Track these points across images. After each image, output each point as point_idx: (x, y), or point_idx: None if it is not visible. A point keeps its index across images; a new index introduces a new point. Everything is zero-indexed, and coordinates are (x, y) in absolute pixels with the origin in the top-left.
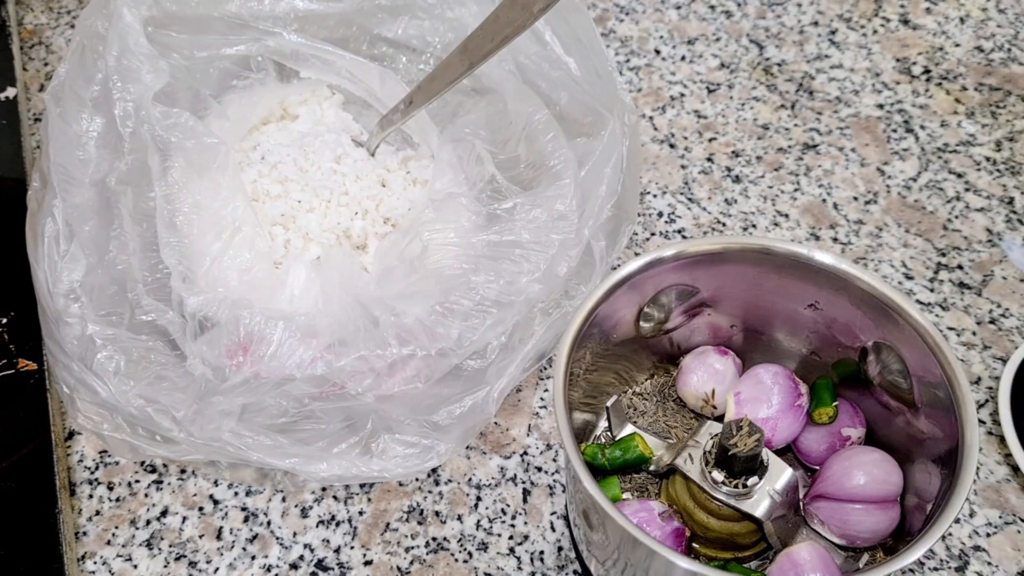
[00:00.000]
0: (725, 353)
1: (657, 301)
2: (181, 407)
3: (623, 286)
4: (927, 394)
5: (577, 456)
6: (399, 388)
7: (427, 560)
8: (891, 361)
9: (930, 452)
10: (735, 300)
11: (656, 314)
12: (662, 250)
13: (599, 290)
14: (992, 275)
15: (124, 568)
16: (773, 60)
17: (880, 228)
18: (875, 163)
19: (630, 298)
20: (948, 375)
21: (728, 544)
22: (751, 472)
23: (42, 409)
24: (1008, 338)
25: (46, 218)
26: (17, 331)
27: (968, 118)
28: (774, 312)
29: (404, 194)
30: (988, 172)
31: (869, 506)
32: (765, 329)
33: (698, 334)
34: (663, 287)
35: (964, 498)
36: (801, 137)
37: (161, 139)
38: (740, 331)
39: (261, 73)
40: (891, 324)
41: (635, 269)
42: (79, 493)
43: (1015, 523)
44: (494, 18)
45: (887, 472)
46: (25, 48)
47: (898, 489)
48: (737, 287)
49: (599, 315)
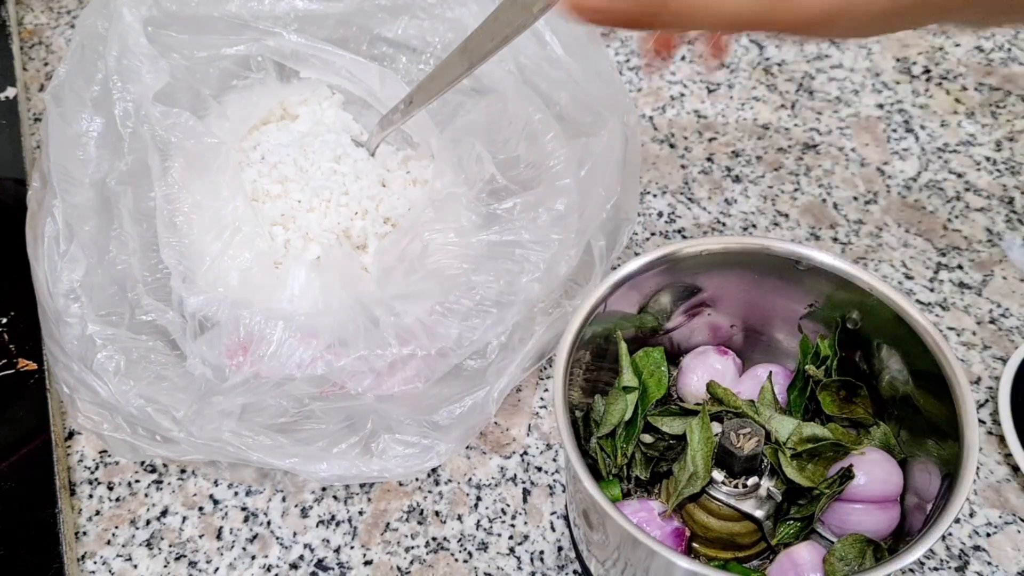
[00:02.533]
0: (725, 353)
1: (657, 301)
2: (181, 407)
3: (623, 286)
4: (926, 394)
5: (577, 456)
6: (399, 388)
7: (427, 560)
8: (891, 361)
9: (930, 452)
10: (735, 300)
11: (656, 314)
12: (661, 250)
13: (599, 290)
14: (992, 275)
15: (124, 568)
16: (773, 60)
17: (880, 228)
18: (875, 163)
19: (630, 298)
20: (947, 375)
21: (728, 544)
22: (751, 472)
23: (42, 409)
24: (1008, 338)
25: (46, 218)
26: (17, 331)
27: (968, 118)
28: (774, 312)
29: (404, 194)
30: (988, 172)
31: (869, 506)
32: (765, 329)
33: (698, 334)
34: (662, 287)
35: (964, 498)
36: (801, 137)
37: (161, 139)
38: (740, 331)
39: (261, 73)
40: (890, 324)
41: (634, 269)
42: (79, 493)
43: (1015, 523)
44: (494, 18)
45: (887, 472)
46: (25, 48)
47: (898, 489)
48: (737, 287)
49: (599, 315)
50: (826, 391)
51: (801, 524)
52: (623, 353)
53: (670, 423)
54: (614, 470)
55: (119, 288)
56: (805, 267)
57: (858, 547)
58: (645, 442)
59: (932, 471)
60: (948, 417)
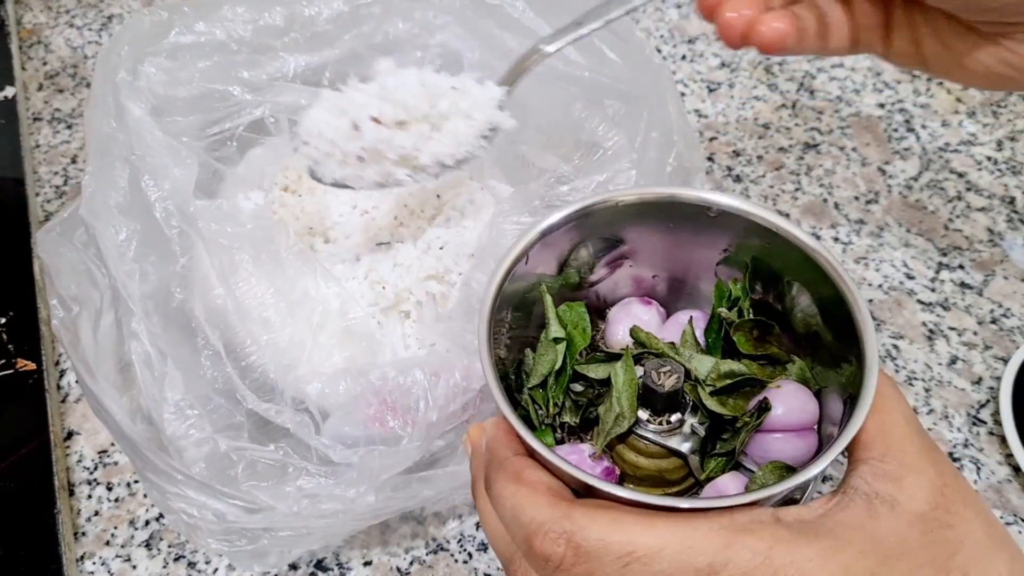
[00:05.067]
0: (649, 303)
1: (577, 255)
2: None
3: (542, 240)
4: (833, 323)
5: (507, 406)
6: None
7: (427, 560)
8: (801, 298)
9: (837, 381)
10: (654, 251)
11: (578, 268)
12: (576, 204)
13: (520, 244)
14: (993, 275)
15: (123, 568)
16: (774, 59)
17: (881, 228)
18: (876, 163)
19: (550, 254)
20: (848, 299)
21: (658, 481)
22: (674, 409)
23: (41, 409)
24: (1009, 338)
25: (130, 341)
26: (17, 331)
27: (969, 117)
28: (692, 261)
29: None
30: (989, 172)
31: (788, 435)
32: (686, 278)
33: (622, 287)
34: (581, 239)
35: (864, 415)
36: (802, 136)
37: (212, 233)
38: (663, 282)
39: (280, 135)
40: (796, 261)
41: (553, 223)
42: (78, 493)
43: (1016, 523)
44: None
45: (802, 402)
46: (24, 47)
47: (814, 418)
48: (654, 238)
49: (521, 272)
50: (740, 331)
51: (726, 458)
52: (548, 305)
53: (596, 369)
54: (547, 420)
55: (226, 399)
56: (715, 212)
57: (778, 473)
58: (574, 391)
59: (840, 399)
60: (850, 341)
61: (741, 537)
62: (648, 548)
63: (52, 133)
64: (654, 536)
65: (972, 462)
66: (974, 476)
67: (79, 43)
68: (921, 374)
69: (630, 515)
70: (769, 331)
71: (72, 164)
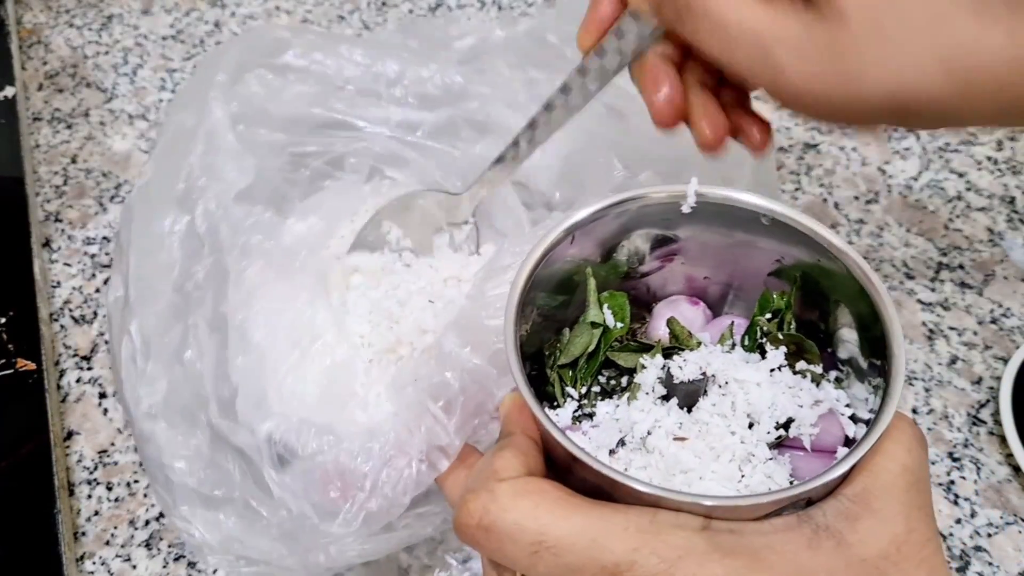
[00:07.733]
0: (696, 303)
1: (627, 243)
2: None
3: (589, 224)
4: (868, 355)
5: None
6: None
7: (427, 561)
8: (843, 319)
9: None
10: (707, 251)
11: (629, 257)
12: (628, 192)
13: (560, 226)
14: (993, 275)
15: (123, 568)
16: None
17: (881, 228)
18: (876, 162)
19: (596, 239)
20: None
21: None
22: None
23: (41, 409)
24: (1009, 338)
25: (123, 336)
26: (16, 331)
27: None
28: (744, 267)
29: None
30: (989, 171)
31: (807, 454)
32: (737, 284)
33: (672, 283)
34: (633, 230)
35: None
36: (802, 136)
37: (241, 239)
38: (715, 284)
39: (355, 176)
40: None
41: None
42: (78, 493)
43: (1016, 523)
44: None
45: (829, 423)
46: (24, 47)
47: (838, 441)
48: (707, 238)
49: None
50: (775, 344)
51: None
52: (591, 289)
53: (627, 358)
54: (573, 398)
55: (200, 404)
56: (769, 221)
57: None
58: (603, 376)
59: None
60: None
61: (652, 541)
62: (558, 540)
63: (52, 133)
64: (567, 528)
65: (972, 462)
66: (974, 476)
67: (79, 43)
68: (921, 374)
69: (553, 504)
70: (806, 349)
71: (72, 164)
